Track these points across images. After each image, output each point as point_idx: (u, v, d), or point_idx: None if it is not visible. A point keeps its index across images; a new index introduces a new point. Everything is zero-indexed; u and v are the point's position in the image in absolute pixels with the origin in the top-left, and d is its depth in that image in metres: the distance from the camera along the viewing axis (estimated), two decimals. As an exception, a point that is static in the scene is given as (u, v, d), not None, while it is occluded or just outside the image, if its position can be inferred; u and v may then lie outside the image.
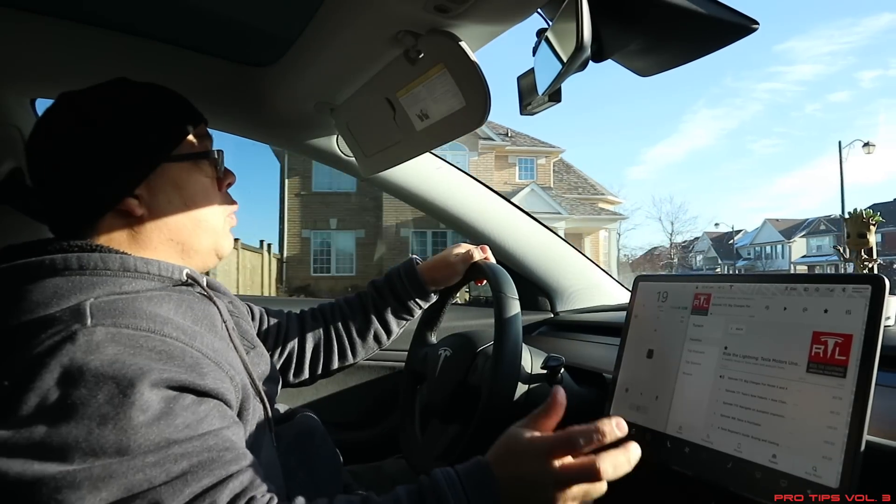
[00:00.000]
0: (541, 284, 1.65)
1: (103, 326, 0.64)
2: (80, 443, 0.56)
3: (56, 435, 0.57)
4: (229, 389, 0.71)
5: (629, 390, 0.88)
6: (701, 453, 0.74)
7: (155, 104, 0.82)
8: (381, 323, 1.19)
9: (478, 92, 0.91)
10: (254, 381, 0.80)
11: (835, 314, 0.66)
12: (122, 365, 0.60)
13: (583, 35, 0.71)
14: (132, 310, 0.68)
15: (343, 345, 1.18)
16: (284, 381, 1.13)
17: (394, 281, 1.18)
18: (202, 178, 0.85)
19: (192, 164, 0.84)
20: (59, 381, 0.59)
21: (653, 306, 0.89)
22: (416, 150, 1.19)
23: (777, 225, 49.97)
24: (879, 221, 0.91)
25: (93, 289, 0.69)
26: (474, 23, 0.85)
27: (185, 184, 0.83)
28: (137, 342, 0.64)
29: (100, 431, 0.57)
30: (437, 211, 1.56)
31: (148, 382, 0.60)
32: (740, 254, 51.53)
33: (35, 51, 1.17)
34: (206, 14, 1.07)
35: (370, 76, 1.08)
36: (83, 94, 0.79)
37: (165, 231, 0.82)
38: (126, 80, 0.83)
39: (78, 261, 0.71)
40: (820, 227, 47.02)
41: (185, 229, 0.83)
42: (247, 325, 0.96)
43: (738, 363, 0.74)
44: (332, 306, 1.22)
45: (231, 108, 1.36)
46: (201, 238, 0.85)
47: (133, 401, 0.59)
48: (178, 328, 0.70)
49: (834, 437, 0.61)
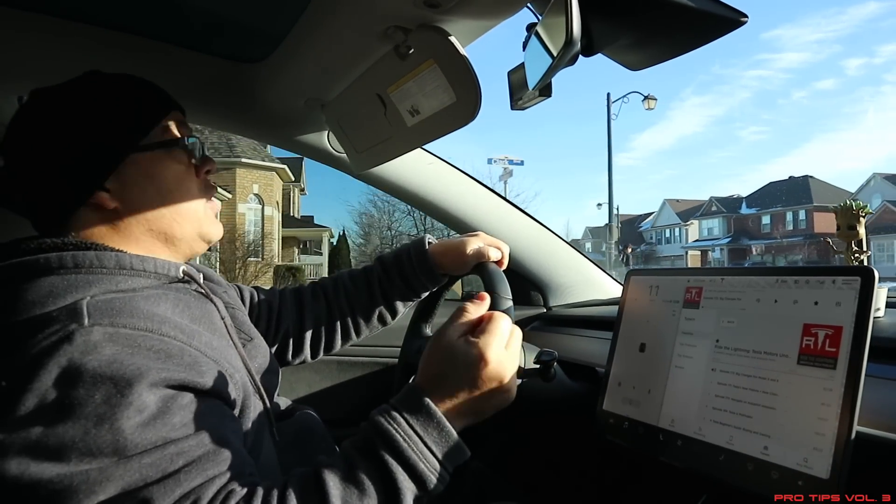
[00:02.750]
0: (533, 279, 1.65)
1: (101, 326, 0.63)
2: (77, 443, 0.56)
3: (52, 435, 0.56)
4: (229, 388, 0.71)
5: (622, 384, 0.88)
6: (693, 446, 0.74)
7: (121, 95, 0.81)
8: (387, 303, 1.15)
9: (468, 87, 0.90)
10: (252, 376, 0.80)
11: (825, 306, 0.67)
12: (121, 365, 0.60)
13: (572, 29, 0.71)
14: (130, 309, 0.67)
15: (346, 324, 1.14)
16: (282, 362, 1.10)
17: (402, 261, 1.12)
18: (175, 166, 0.83)
19: (164, 153, 0.82)
20: (56, 381, 0.58)
21: (645, 300, 0.90)
22: (407, 145, 1.19)
23: (677, 206, 48.98)
24: (869, 213, 0.91)
25: (88, 287, 0.69)
26: (464, 18, 0.85)
27: (157, 173, 0.81)
28: (136, 342, 0.64)
29: (96, 432, 0.57)
30: (429, 206, 1.56)
31: (146, 383, 0.60)
32: (643, 237, 50.32)
33: (23, 48, 1.16)
34: (196, 11, 1.06)
35: (361, 72, 1.07)
36: (53, 90, 0.79)
37: (144, 222, 0.80)
38: (97, 73, 0.82)
39: (73, 259, 0.70)
40: (711, 209, 45.85)
41: (164, 219, 0.82)
42: (243, 315, 0.96)
43: (730, 356, 0.74)
44: (334, 282, 1.17)
45: (221, 105, 1.36)
46: (183, 226, 0.84)
47: (130, 401, 0.58)
48: (176, 327, 0.69)
49: (825, 428, 0.62)
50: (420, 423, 0.64)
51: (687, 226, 46.94)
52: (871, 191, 36.93)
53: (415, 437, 0.63)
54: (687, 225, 46.96)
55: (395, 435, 0.63)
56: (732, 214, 44.98)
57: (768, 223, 43.23)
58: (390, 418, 0.64)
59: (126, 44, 1.15)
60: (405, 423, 0.64)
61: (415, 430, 0.63)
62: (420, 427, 0.64)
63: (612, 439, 0.88)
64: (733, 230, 45.00)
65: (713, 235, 45.44)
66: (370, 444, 0.63)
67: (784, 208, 41.79)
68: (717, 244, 44.19)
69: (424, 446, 0.63)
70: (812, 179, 42.45)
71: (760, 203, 44.25)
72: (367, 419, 0.67)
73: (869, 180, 37.90)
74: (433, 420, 0.64)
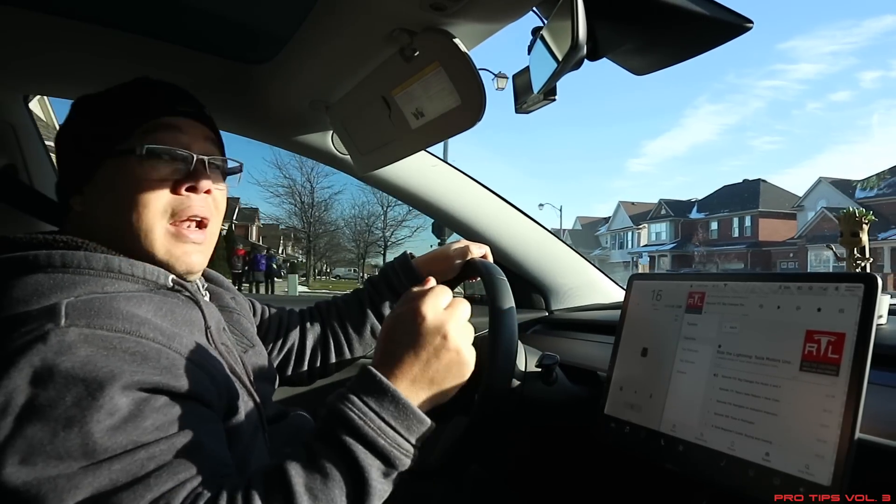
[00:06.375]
0: (536, 283, 1.65)
1: (76, 327, 0.62)
2: (45, 446, 0.55)
3: (20, 436, 0.55)
4: (210, 391, 0.70)
5: (623, 389, 0.88)
6: (694, 451, 0.74)
7: (114, 97, 0.80)
8: (378, 317, 1.18)
9: (473, 90, 0.91)
10: (247, 380, 0.79)
11: (828, 313, 0.67)
12: (94, 367, 0.59)
13: (578, 34, 0.71)
14: (108, 310, 0.66)
15: (339, 341, 1.17)
16: (282, 377, 1.12)
17: (389, 275, 1.17)
18: (145, 178, 0.77)
19: (135, 161, 0.76)
20: (27, 380, 0.57)
21: (647, 305, 0.90)
22: (411, 148, 1.19)
23: (631, 209, 46.96)
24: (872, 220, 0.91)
25: (73, 288, 0.68)
26: (470, 21, 0.85)
27: (119, 182, 0.76)
28: (111, 343, 0.63)
29: (65, 434, 0.56)
30: (433, 209, 1.56)
31: (119, 385, 0.59)
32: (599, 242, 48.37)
33: (28, 47, 1.16)
34: (201, 11, 1.07)
35: (365, 74, 1.08)
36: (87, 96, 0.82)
37: (97, 230, 0.76)
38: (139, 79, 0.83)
39: (62, 258, 0.70)
40: (661, 212, 43.92)
41: (117, 231, 0.76)
42: (248, 322, 0.96)
43: (732, 361, 0.74)
44: (327, 304, 1.21)
45: (226, 106, 1.36)
46: (135, 244, 0.77)
47: (101, 404, 0.58)
48: (155, 328, 0.68)
49: (827, 435, 0.62)
50: (375, 400, 0.64)
51: (639, 229, 45.01)
52: (816, 196, 35.76)
53: (371, 415, 0.63)
54: (639, 229, 45.03)
55: (350, 415, 0.62)
56: (681, 219, 43.02)
57: (716, 229, 41.49)
58: (346, 400, 0.64)
59: (131, 44, 1.15)
60: (360, 402, 0.63)
61: (370, 408, 0.63)
62: (375, 404, 0.63)
63: (613, 444, 0.87)
64: (680, 235, 42.87)
65: (660, 240, 43.45)
66: (329, 429, 0.63)
67: (730, 213, 40.27)
68: (662, 250, 42.35)
69: (382, 422, 0.63)
70: (763, 183, 40.98)
71: (711, 207, 42.38)
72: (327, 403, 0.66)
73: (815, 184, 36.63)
74: (387, 395, 0.64)
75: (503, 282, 0.94)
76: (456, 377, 0.70)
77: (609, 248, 47.23)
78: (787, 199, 38.16)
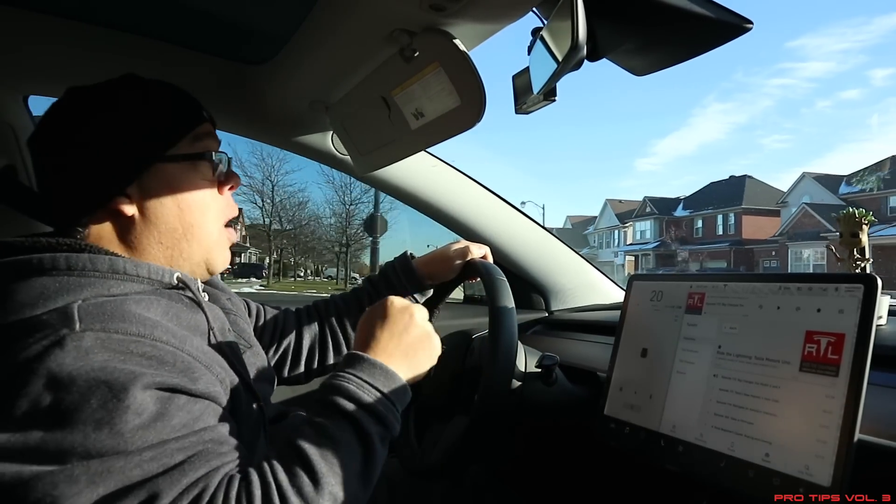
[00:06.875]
0: (535, 283, 1.65)
1: (92, 331, 0.62)
2: (77, 447, 0.56)
3: (52, 440, 0.56)
4: (220, 392, 0.70)
5: (623, 389, 0.88)
6: (694, 452, 0.74)
7: (153, 102, 0.80)
8: None
9: (473, 90, 0.91)
10: (249, 381, 0.80)
11: (828, 313, 0.67)
12: (114, 370, 0.59)
13: (578, 34, 0.71)
14: (121, 313, 0.66)
15: (337, 339, 1.17)
16: (279, 377, 1.12)
17: (389, 275, 1.17)
18: (198, 181, 0.82)
19: (188, 166, 0.81)
20: (49, 386, 0.57)
21: (647, 305, 0.90)
22: (411, 148, 1.19)
23: (618, 207, 45.89)
24: (872, 221, 0.91)
25: (80, 290, 0.68)
26: (469, 21, 0.85)
27: (178, 185, 0.80)
28: (128, 347, 0.63)
29: (96, 436, 0.56)
30: (433, 209, 1.56)
31: (140, 385, 0.60)
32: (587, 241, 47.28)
33: (29, 47, 1.16)
34: (201, 12, 1.07)
35: (365, 75, 1.07)
36: (86, 90, 0.79)
37: (156, 234, 0.79)
38: (134, 76, 0.81)
39: (66, 261, 0.69)
40: (646, 210, 42.59)
41: (176, 233, 0.80)
42: (244, 323, 0.96)
43: (732, 362, 0.74)
44: (326, 302, 1.21)
45: (225, 106, 1.36)
46: (192, 246, 0.82)
47: (127, 405, 0.58)
48: (168, 331, 0.68)
49: (826, 435, 0.62)
50: (366, 372, 0.71)
51: (625, 228, 43.89)
52: (800, 191, 34.80)
53: (366, 385, 0.70)
54: (625, 227, 43.88)
55: (349, 386, 0.69)
56: (665, 217, 41.67)
57: (701, 227, 40.22)
58: (340, 377, 0.70)
59: (131, 44, 1.15)
60: (353, 376, 0.70)
61: (363, 379, 0.70)
62: (367, 375, 0.71)
63: (613, 444, 0.88)
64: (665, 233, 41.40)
65: (644, 239, 42.12)
66: (329, 402, 0.68)
67: (714, 211, 39.18)
68: (645, 249, 41.13)
69: (376, 390, 0.70)
70: (749, 179, 39.87)
71: (696, 205, 41.07)
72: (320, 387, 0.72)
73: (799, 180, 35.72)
74: (375, 367, 0.72)
75: (503, 282, 0.94)
76: (426, 351, 0.80)
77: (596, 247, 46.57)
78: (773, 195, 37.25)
